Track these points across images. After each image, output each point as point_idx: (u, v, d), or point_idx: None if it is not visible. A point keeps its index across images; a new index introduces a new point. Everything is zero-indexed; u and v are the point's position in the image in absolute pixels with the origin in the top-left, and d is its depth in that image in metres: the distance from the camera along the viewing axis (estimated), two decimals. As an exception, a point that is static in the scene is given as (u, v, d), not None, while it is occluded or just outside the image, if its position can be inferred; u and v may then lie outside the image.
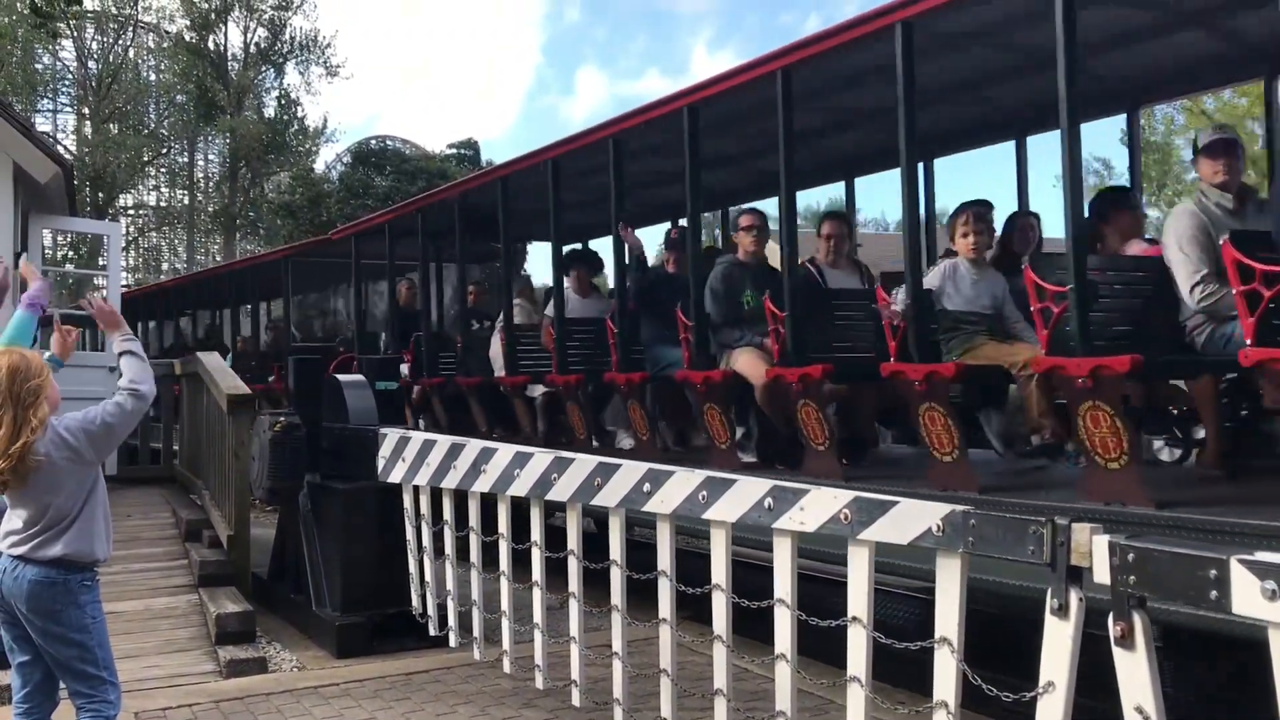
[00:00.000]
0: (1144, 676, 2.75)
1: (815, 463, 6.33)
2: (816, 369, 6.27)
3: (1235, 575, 2.50)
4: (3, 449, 3.68)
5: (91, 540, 3.90)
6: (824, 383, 6.34)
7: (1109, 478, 4.78)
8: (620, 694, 4.70)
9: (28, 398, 3.74)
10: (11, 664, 4.02)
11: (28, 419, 3.72)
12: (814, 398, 6.29)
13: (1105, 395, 4.77)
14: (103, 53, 36.85)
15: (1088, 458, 4.90)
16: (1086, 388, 4.80)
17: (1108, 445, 4.77)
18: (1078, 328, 4.94)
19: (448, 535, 5.97)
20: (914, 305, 5.88)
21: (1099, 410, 4.78)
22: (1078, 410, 4.87)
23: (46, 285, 4.96)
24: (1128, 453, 4.72)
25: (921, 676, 3.47)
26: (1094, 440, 4.81)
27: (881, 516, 3.50)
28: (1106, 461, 4.78)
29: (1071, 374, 4.88)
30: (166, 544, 8.93)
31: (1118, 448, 4.74)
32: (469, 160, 32.20)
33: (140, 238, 40.21)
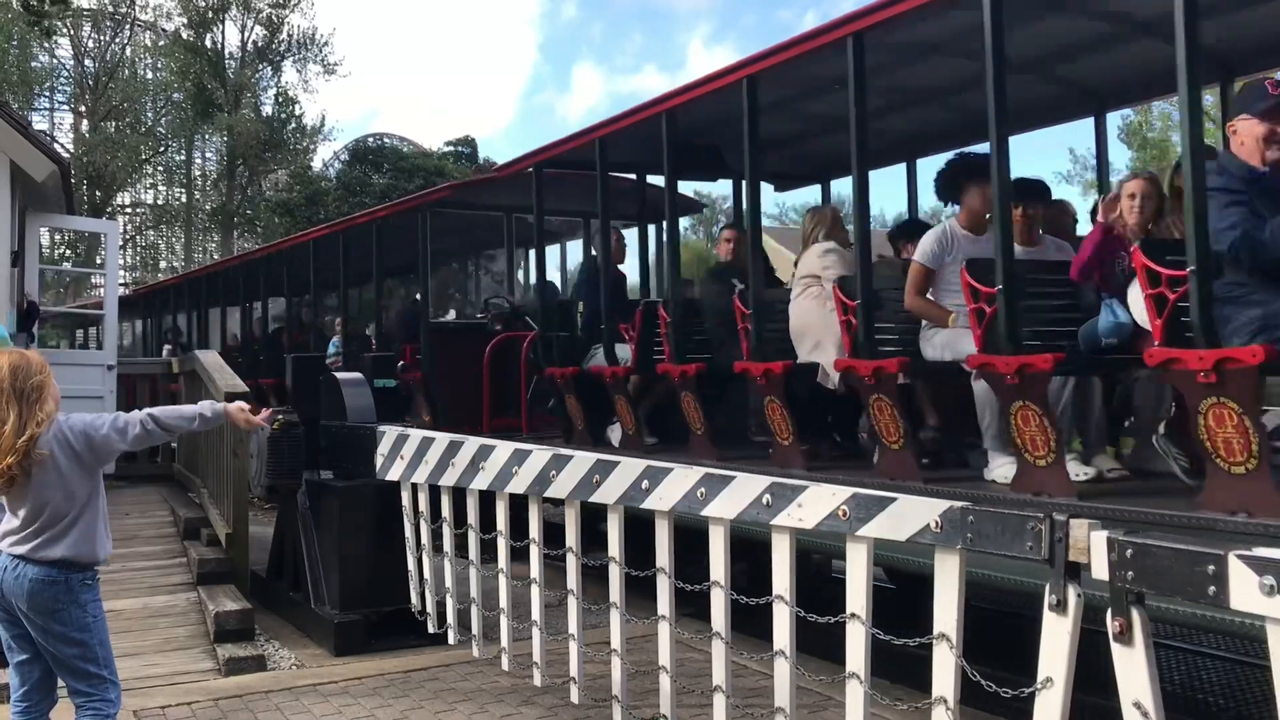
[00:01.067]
0: (1142, 673, 2.75)
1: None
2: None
3: (1233, 571, 2.50)
4: (9, 443, 3.72)
5: (93, 541, 3.91)
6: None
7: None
8: (619, 691, 4.71)
9: (32, 394, 3.79)
10: (10, 662, 4.02)
11: (33, 414, 3.77)
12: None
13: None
14: (100, 51, 36.88)
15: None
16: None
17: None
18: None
19: (446, 532, 5.97)
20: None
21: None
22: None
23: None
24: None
25: (920, 672, 3.47)
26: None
27: (880, 513, 3.50)
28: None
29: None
30: (165, 542, 8.92)
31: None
32: (466, 158, 32.21)
33: (137, 236, 40.21)
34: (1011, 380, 5.09)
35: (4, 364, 3.82)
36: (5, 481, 3.75)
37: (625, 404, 8.19)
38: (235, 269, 18.44)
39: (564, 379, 8.90)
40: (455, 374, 10.81)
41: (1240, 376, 4.25)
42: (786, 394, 6.67)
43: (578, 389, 8.79)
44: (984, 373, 5.35)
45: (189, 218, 40.08)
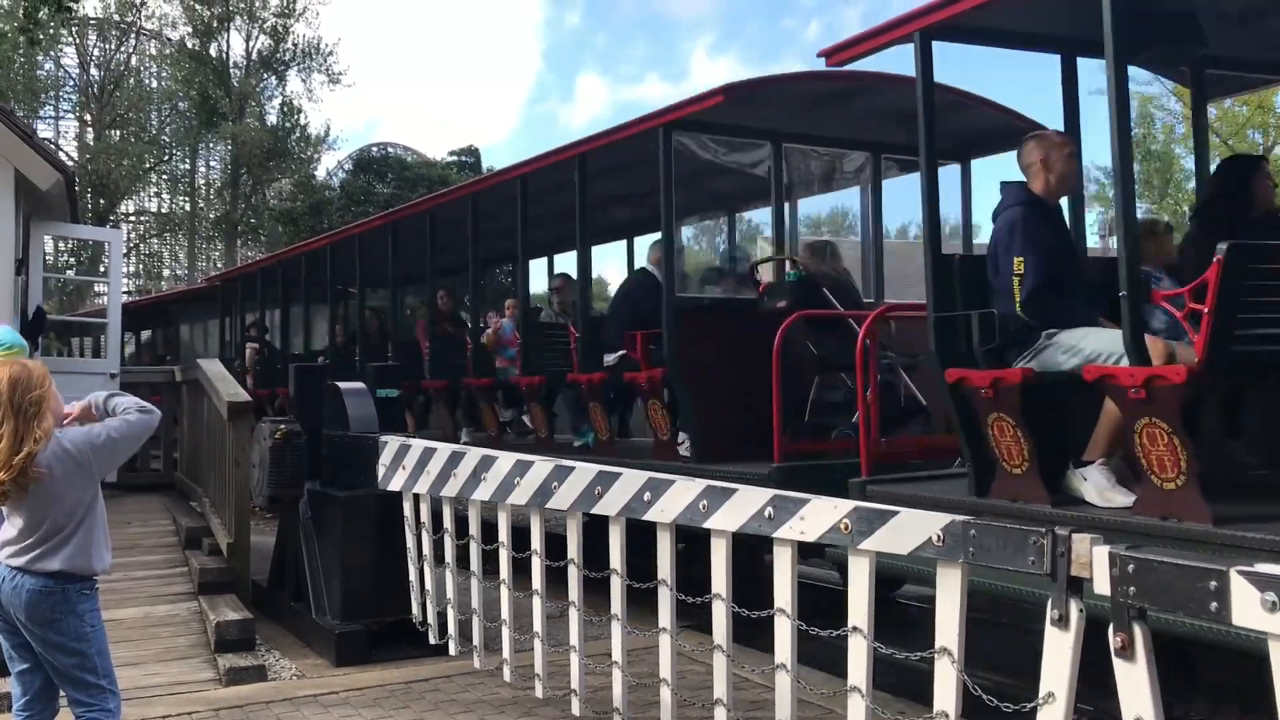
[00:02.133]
0: (1144, 687, 2.75)
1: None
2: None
3: (1235, 587, 2.50)
4: (4, 460, 3.66)
5: (90, 554, 3.89)
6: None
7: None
8: (620, 703, 4.70)
9: (30, 409, 3.71)
10: (11, 672, 4.02)
11: (30, 430, 3.70)
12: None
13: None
14: (105, 59, 36.97)
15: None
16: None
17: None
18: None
19: (448, 543, 5.98)
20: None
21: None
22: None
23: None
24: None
25: (922, 686, 3.47)
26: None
27: (881, 527, 3.50)
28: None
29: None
30: (166, 551, 8.93)
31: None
32: (470, 168, 32.26)
33: (141, 244, 40.25)
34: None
35: (3, 376, 3.75)
36: (1, 499, 3.74)
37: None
38: (338, 246, 14.22)
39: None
40: (713, 372, 7.80)
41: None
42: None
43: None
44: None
45: (193, 226, 40.13)
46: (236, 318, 18.86)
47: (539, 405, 9.88)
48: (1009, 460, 5.04)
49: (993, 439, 5.07)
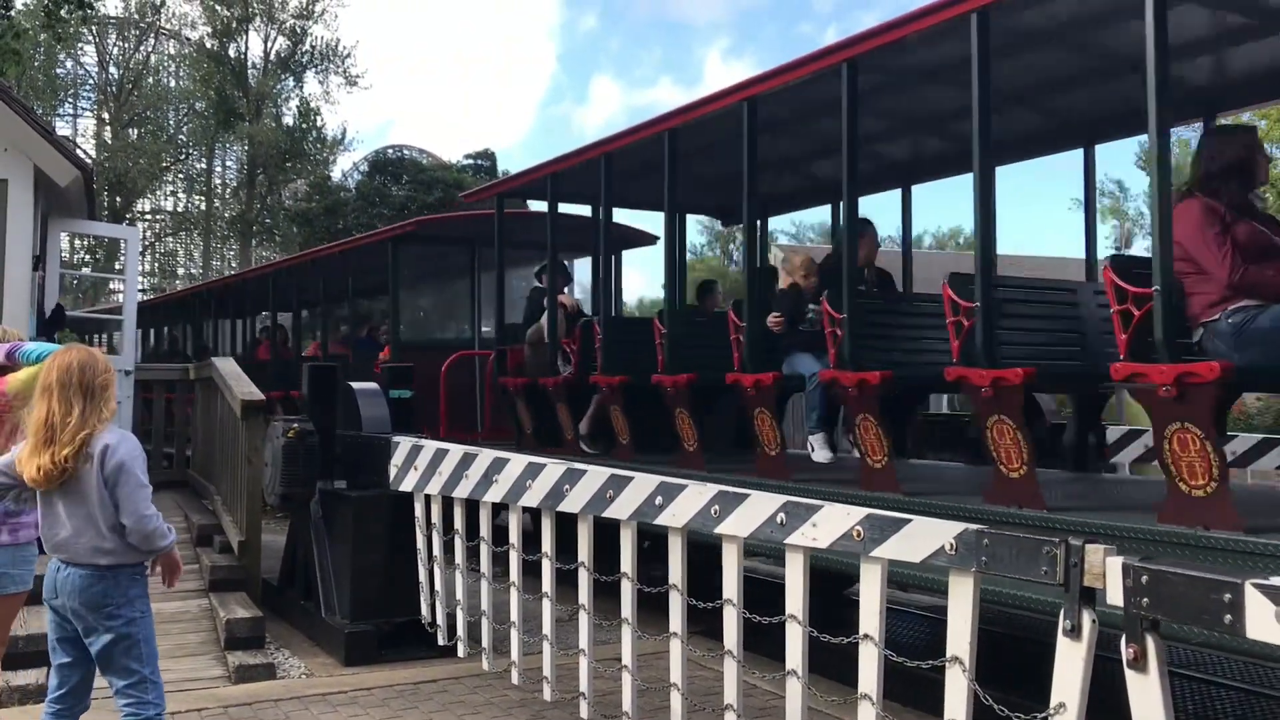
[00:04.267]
0: (1156, 699, 2.74)
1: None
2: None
3: (1250, 600, 2.49)
4: (71, 435, 3.79)
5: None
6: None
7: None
8: (629, 707, 4.70)
9: (99, 391, 3.90)
10: (53, 663, 4.07)
11: (98, 410, 3.86)
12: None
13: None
14: (124, 58, 37.20)
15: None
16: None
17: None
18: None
19: (458, 545, 5.98)
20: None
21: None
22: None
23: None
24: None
25: (933, 695, 3.46)
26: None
27: (894, 534, 3.49)
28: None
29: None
30: (178, 548, 8.94)
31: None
32: (485, 171, 32.32)
33: (157, 242, 40.44)
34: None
35: (74, 359, 3.93)
36: (59, 474, 3.79)
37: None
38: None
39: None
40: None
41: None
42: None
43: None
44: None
45: (208, 225, 40.32)
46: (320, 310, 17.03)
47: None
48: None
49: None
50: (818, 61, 6.41)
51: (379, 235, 13.26)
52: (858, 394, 6.02)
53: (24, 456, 3.85)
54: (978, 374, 5.25)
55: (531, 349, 10.16)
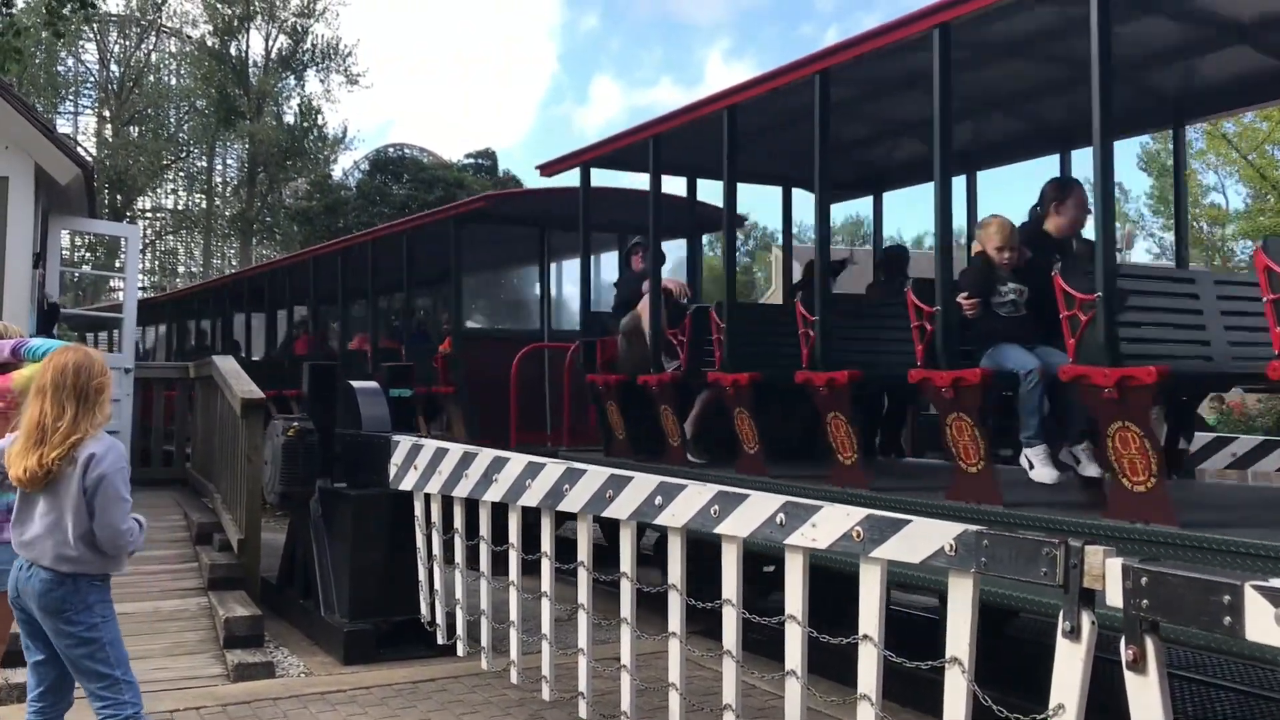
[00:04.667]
0: (1155, 701, 2.74)
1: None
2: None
3: (1249, 601, 2.49)
4: (61, 439, 3.76)
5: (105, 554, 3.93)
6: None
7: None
8: (628, 707, 4.69)
9: (93, 395, 3.86)
10: (28, 661, 4.05)
11: (90, 415, 3.83)
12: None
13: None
14: (125, 56, 37.20)
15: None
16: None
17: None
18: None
19: (458, 544, 5.98)
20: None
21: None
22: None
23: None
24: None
25: (931, 696, 3.45)
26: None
27: (894, 535, 3.49)
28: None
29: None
30: (177, 547, 8.95)
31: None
32: (486, 170, 32.33)
33: (157, 240, 40.45)
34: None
35: (69, 361, 3.88)
36: (43, 477, 3.78)
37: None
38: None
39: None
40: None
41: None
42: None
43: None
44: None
45: (209, 224, 40.33)
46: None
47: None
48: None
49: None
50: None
51: (440, 214, 11.89)
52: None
53: (13, 452, 3.83)
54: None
55: (626, 341, 8.63)
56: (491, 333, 13.78)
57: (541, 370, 10.88)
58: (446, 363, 11.29)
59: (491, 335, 13.17)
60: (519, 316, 14.52)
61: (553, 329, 12.22)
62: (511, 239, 12.76)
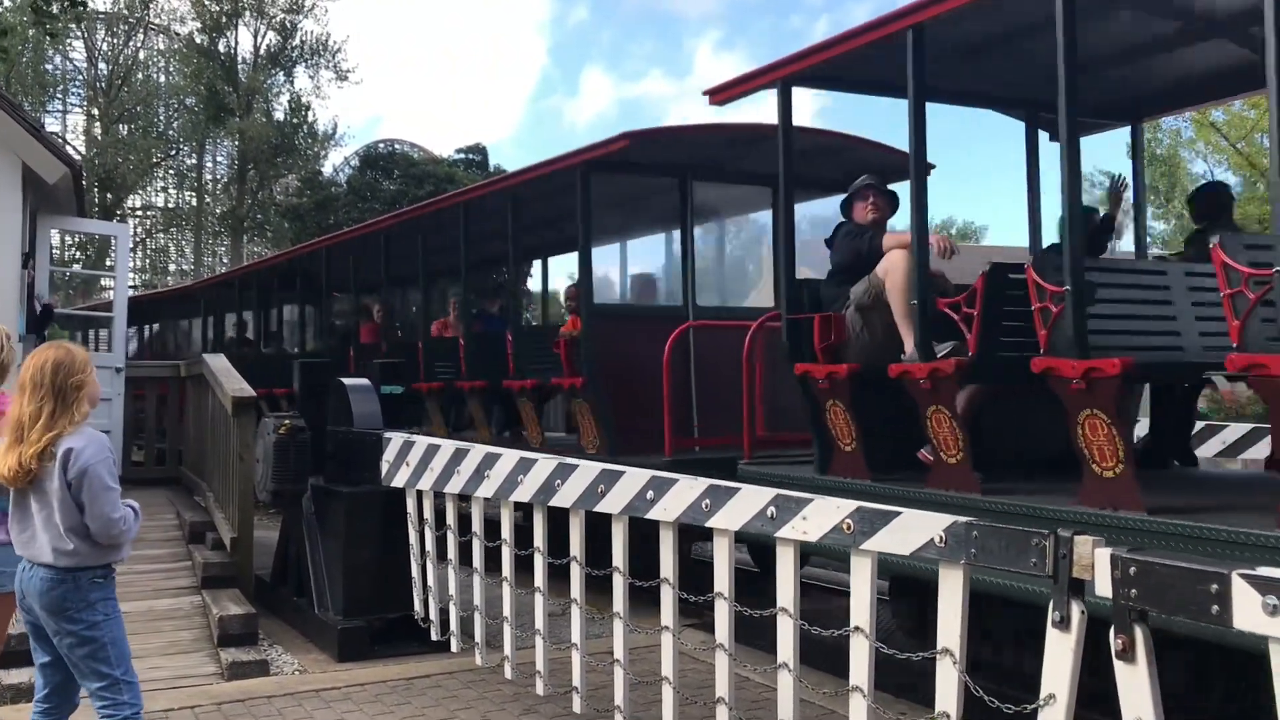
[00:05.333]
0: (1145, 689, 2.75)
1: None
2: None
3: (1237, 590, 2.50)
4: (38, 436, 3.75)
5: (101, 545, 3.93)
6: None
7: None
8: (621, 701, 4.70)
9: (70, 393, 3.83)
10: (35, 663, 4.06)
11: (68, 412, 3.80)
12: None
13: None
14: (113, 54, 37.04)
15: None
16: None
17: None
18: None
19: (450, 540, 5.99)
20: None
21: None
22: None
23: None
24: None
25: (924, 687, 3.47)
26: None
27: (884, 527, 3.50)
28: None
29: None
30: (170, 545, 8.95)
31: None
32: (477, 165, 32.27)
33: (147, 239, 40.34)
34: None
35: (49, 357, 3.86)
36: (25, 475, 3.77)
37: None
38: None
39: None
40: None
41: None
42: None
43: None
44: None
45: (199, 221, 40.19)
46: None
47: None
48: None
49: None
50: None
51: (562, 162, 9.13)
52: None
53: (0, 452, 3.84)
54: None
55: (861, 317, 6.31)
56: (632, 309, 10.86)
57: (686, 356, 8.90)
58: (571, 347, 8.96)
59: (631, 312, 10.53)
60: (650, 291, 11.56)
61: (698, 306, 9.67)
62: (643, 193, 10.36)
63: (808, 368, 6.43)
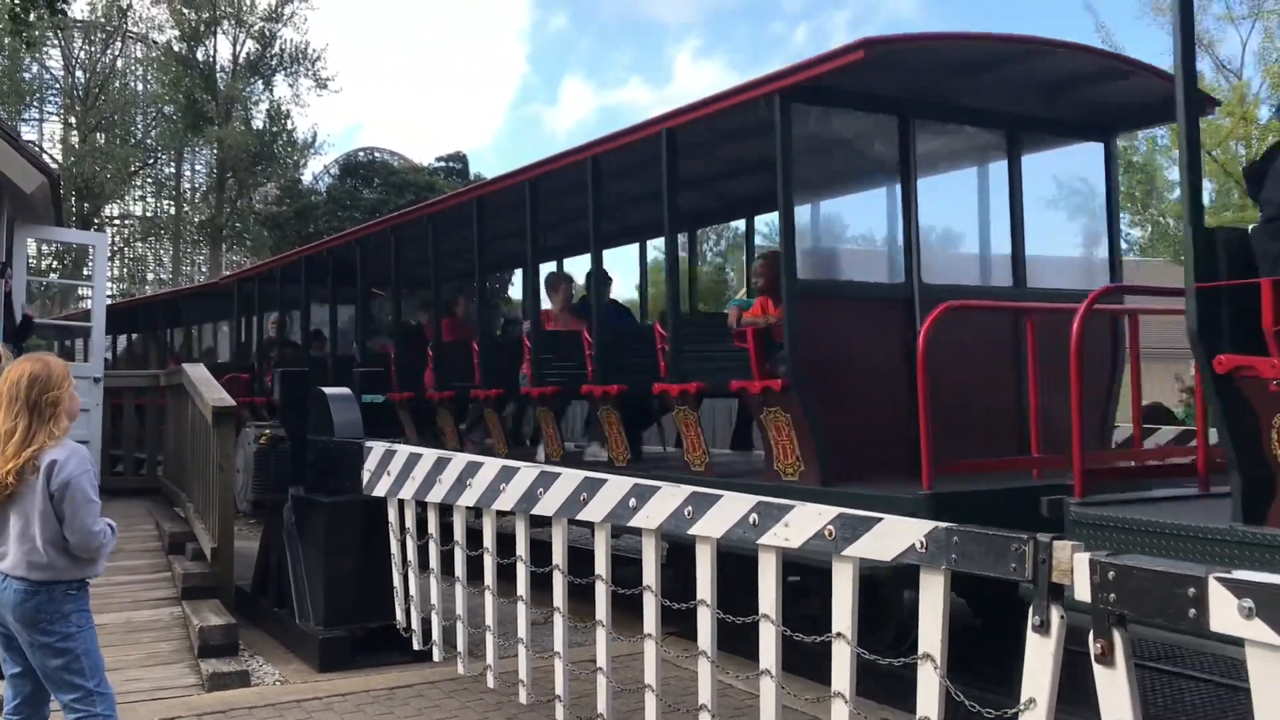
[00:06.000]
0: (1123, 693, 2.78)
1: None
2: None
3: (1213, 593, 2.53)
4: (15, 451, 3.74)
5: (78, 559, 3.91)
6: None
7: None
8: (604, 709, 4.71)
9: (46, 409, 3.81)
10: (5, 674, 4.03)
11: (45, 426, 3.80)
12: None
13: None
14: (91, 62, 36.85)
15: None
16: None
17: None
18: None
19: (432, 549, 5.98)
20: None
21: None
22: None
23: None
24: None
25: (906, 692, 3.48)
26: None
27: (865, 533, 3.52)
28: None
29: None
30: (150, 556, 8.90)
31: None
32: (457, 174, 32.24)
33: (125, 248, 40.10)
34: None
35: (25, 371, 3.84)
36: (2, 490, 3.75)
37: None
38: None
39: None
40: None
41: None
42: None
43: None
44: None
45: (178, 230, 40.02)
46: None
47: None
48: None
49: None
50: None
51: (749, 91, 6.82)
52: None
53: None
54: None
55: None
56: (850, 289, 7.52)
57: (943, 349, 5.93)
58: (762, 339, 7.01)
59: (848, 292, 7.40)
60: (860, 264, 8.52)
61: (924, 284, 7.08)
62: (850, 136, 7.97)
63: (1247, 361, 4.00)
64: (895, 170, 7.37)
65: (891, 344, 6.73)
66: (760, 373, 6.82)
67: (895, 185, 7.49)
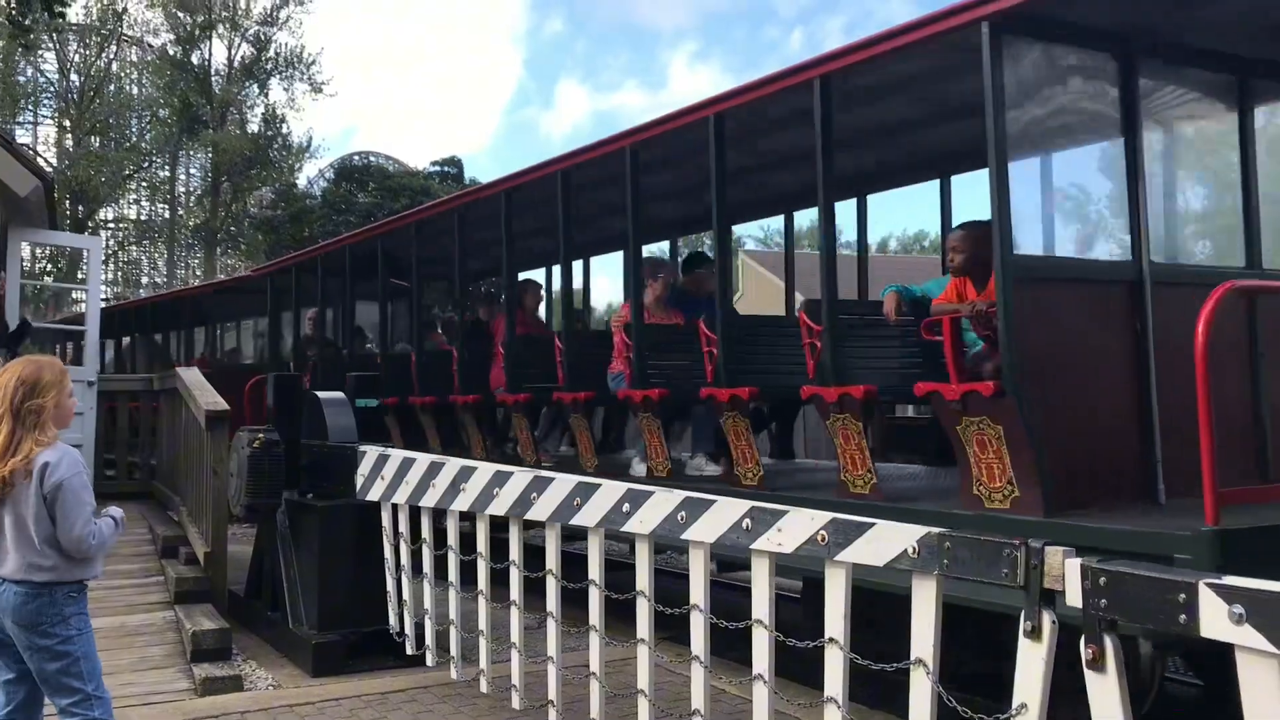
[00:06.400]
0: (1115, 698, 2.78)
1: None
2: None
3: (1204, 599, 2.53)
4: (2, 454, 3.73)
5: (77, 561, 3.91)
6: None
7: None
8: (597, 714, 4.71)
9: (29, 416, 3.79)
10: None
11: (32, 433, 3.78)
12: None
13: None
14: (86, 65, 36.82)
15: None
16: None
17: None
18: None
19: (426, 554, 5.97)
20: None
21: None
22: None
23: None
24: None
25: (897, 697, 3.48)
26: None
27: (858, 539, 3.52)
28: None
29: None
30: (143, 560, 8.88)
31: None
32: (452, 178, 32.25)
33: (120, 251, 40.07)
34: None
35: (13, 376, 3.83)
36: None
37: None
38: None
39: None
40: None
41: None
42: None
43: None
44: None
45: (172, 234, 40.01)
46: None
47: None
48: None
49: None
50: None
51: (938, 23, 5.31)
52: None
53: None
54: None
55: None
56: (1074, 267, 5.77)
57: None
58: (961, 331, 5.70)
59: (1072, 272, 5.63)
60: (1067, 238, 6.59)
61: (1152, 260, 5.56)
62: (1058, 76, 5.85)
63: None
64: (1117, 123, 5.74)
65: (1118, 338, 5.33)
66: (958, 373, 5.38)
67: (1117, 140, 5.80)
